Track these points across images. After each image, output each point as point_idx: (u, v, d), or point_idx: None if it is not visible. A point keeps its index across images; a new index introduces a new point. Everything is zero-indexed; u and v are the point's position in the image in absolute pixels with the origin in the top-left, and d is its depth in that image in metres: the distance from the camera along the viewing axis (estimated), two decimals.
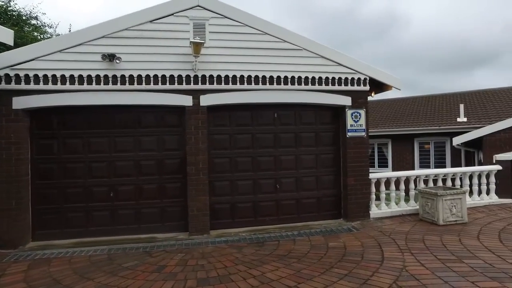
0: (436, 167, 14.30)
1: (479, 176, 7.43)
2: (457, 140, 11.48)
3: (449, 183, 7.23)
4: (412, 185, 6.91)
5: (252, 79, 6.01)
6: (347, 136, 6.35)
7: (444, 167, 13.78)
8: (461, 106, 14.43)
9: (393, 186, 6.78)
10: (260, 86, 6.04)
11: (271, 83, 6.07)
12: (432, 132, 14.41)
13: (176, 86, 5.76)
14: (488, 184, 7.51)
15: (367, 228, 5.99)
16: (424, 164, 14.79)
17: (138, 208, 5.90)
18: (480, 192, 7.44)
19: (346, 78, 6.36)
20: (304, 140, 6.47)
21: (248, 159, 6.28)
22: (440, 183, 7.49)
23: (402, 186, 6.84)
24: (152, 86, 5.69)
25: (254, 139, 6.30)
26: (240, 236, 5.77)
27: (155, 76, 5.69)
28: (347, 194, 6.37)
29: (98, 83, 5.54)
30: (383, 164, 15.61)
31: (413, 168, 14.56)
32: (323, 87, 6.27)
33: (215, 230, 6.02)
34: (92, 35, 5.51)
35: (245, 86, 6.01)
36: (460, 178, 7.37)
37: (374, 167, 15.71)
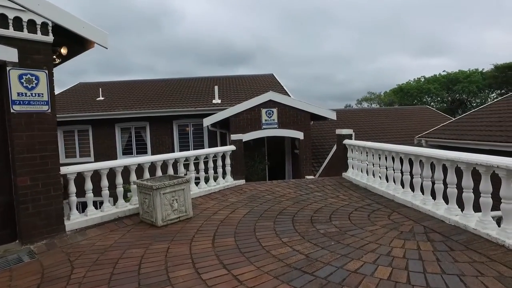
0: (195, 149, 13.91)
1: (215, 159, 6.73)
2: (206, 122, 11.12)
3: (182, 170, 6.15)
4: (133, 177, 5.33)
5: None
6: (12, 111, 4.00)
7: (203, 149, 13.53)
8: (216, 88, 14.55)
9: (105, 182, 5.01)
10: None
11: None
12: (190, 114, 13.88)
13: None
14: (224, 166, 6.95)
15: (53, 251, 3.96)
16: (184, 148, 14.18)
17: None
18: (216, 177, 6.78)
19: (5, 17, 3.94)
20: None
21: None
22: (170, 170, 6.34)
23: (120, 180, 5.18)
24: None
25: None
26: None
27: None
28: (20, 202, 4.07)
29: None
30: (142, 150, 13.98)
31: (173, 151, 13.65)
32: None
33: None
34: None
35: None
36: (196, 163, 6.44)
37: (132, 154, 13.90)
